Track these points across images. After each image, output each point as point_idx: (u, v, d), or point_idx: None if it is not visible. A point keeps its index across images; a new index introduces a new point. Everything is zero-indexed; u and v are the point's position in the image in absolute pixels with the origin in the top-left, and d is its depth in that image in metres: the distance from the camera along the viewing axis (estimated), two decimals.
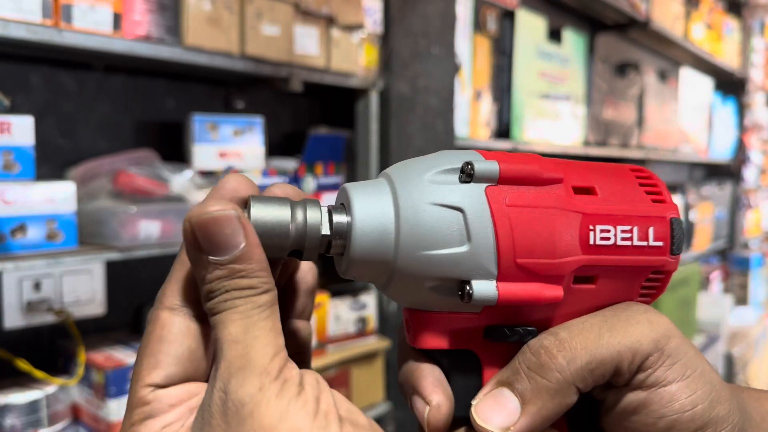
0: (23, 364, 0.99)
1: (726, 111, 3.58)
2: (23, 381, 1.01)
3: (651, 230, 0.30)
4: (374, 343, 1.46)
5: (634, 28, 2.34)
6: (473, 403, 0.28)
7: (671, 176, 3.23)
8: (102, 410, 1.03)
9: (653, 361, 0.27)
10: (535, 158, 0.29)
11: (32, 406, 0.97)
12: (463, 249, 0.27)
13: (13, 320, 1.05)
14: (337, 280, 1.60)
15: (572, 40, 2.18)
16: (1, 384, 1.00)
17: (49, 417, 0.99)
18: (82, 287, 1.11)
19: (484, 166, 0.28)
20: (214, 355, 0.25)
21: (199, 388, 0.26)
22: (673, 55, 2.95)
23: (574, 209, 0.29)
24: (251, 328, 0.25)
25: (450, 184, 0.28)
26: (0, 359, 1.02)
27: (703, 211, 3.15)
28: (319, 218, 0.27)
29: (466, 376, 0.30)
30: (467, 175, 0.28)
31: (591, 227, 0.29)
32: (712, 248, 3.38)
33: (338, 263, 0.29)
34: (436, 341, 0.29)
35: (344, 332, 1.41)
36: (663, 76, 2.90)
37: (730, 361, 2.96)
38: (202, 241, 0.25)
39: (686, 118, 3.10)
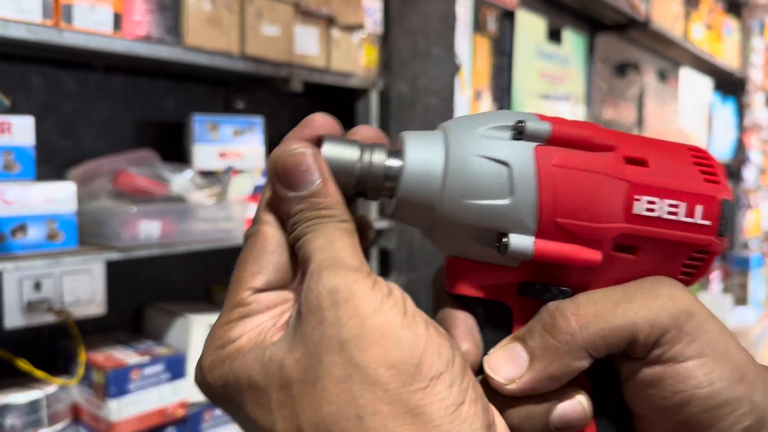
0: (23, 364, 1.00)
1: (726, 111, 3.58)
2: (23, 381, 1.01)
3: (699, 208, 0.29)
4: None
5: (633, 28, 2.34)
6: (489, 352, 0.29)
7: None
8: (102, 410, 1.03)
9: (671, 337, 0.27)
10: (592, 125, 0.30)
11: (32, 406, 0.97)
12: (505, 202, 0.28)
13: (14, 320, 1.05)
14: None
15: (572, 40, 2.18)
16: (1, 384, 1.00)
17: (50, 417, 1.00)
18: (83, 287, 1.11)
19: (536, 125, 0.28)
20: (302, 270, 0.27)
21: (290, 296, 0.28)
22: (672, 55, 2.96)
23: (622, 177, 0.29)
24: (336, 241, 0.26)
25: (501, 140, 0.28)
26: (0, 359, 1.02)
27: None
28: (383, 161, 0.29)
29: (497, 327, 0.30)
30: (518, 132, 0.28)
31: (637, 197, 0.29)
32: None
33: (388, 206, 0.31)
34: (472, 289, 0.30)
35: None
36: (663, 76, 2.91)
37: None
38: (282, 178, 0.28)
39: (686, 118, 3.10)
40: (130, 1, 1.01)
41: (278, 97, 1.50)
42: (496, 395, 0.29)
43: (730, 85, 3.59)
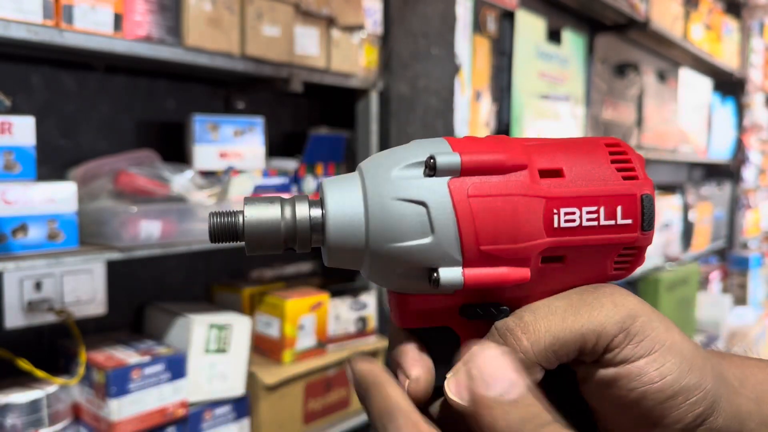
0: (24, 364, 1.00)
1: (725, 111, 3.58)
2: (24, 381, 1.01)
3: (619, 209, 0.30)
4: (374, 342, 1.46)
5: (633, 28, 2.35)
6: (448, 376, 0.29)
7: (670, 176, 3.24)
8: (103, 410, 1.03)
9: (619, 341, 0.28)
10: (502, 143, 0.30)
11: (33, 406, 0.97)
12: (428, 240, 0.29)
13: (14, 320, 1.05)
14: (337, 280, 1.60)
15: (572, 40, 2.18)
16: (2, 384, 1.00)
17: (50, 416, 1.00)
18: (83, 287, 1.12)
19: (446, 159, 0.29)
20: None
21: None
22: (672, 55, 2.96)
23: (538, 194, 0.29)
24: None
25: (414, 179, 0.29)
26: (1, 359, 1.03)
27: (702, 211, 3.16)
28: (305, 213, 0.30)
29: (446, 351, 0.31)
30: (430, 168, 0.29)
31: (555, 211, 0.29)
32: (711, 248, 3.38)
33: (324, 255, 0.31)
34: (415, 320, 0.31)
35: (344, 332, 1.42)
36: (662, 76, 2.91)
37: None
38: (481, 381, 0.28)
39: (685, 119, 3.10)
40: (131, 2, 1.01)
41: (279, 98, 1.51)
42: (462, 420, 0.29)
43: (730, 86, 3.59)
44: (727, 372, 0.31)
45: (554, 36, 2.09)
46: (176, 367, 1.11)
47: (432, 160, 0.29)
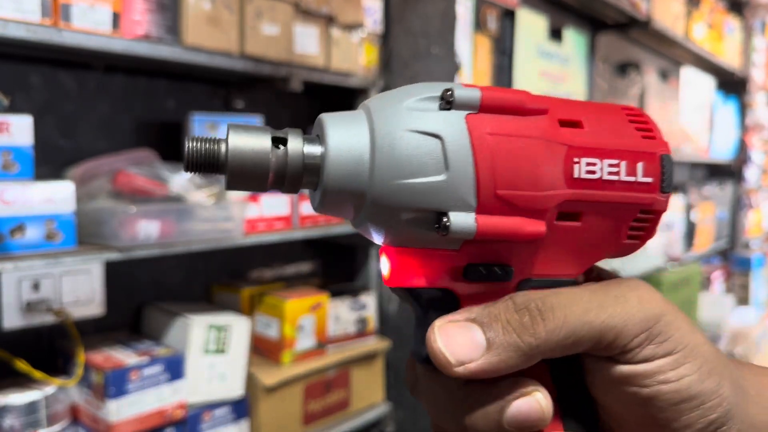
0: (22, 365, 0.99)
1: (727, 111, 3.57)
2: (22, 381, 1.01)
3: (640, 166, 0.29)
4: (374, 343, 1.46)
5: (635, 27, 2.34)
6: (436, 323, 0.27)
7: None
8: (101, 411, 1.03)
9: (640, 341, 0.27)
10: (522, 91, 0.29)
11: (31, 407, 0.97)
12: (441, 178, 0.26)
13: (12, 320, 1.04)
14: (337, 280, 1.59)
15: (573, 39, 2.18)
16: (0, 384, 0.99)
17: (48, 417, 0.99)
18: (82, 287, 1.11)
19: (464, 92, 0.27)
20: None
21: None
22: (674, 54, 2.95)
23: (559, 140, 0.28)
24: None
25: (429, 111, 0.26)
26: None
27: (705, 211, 3.15)
28: (300, 148, 0.26)
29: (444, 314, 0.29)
30: (447, 102, 0.27)
31: (576, 160, 0.28)
32: (714, 248, 3.37)
33: (312, 198, 0.28)
34: (413, 279, 0.28)
35: (344, 332, 1.41)
36: (664, 75, 2.90)
37: None
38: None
39: (687, 118, 3.09)
40: (129, 1, 1.00)
41: (278, 97, 1.50)
42: (446, 391, 0.28)
43: (732, 85, 3.58)
44: (745, 381, 0.29)
45: (555, 35, 2.09)
46: (175, 368, 1.11)
47: (449, 92, 0.26)
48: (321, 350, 1.35)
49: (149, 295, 1.30)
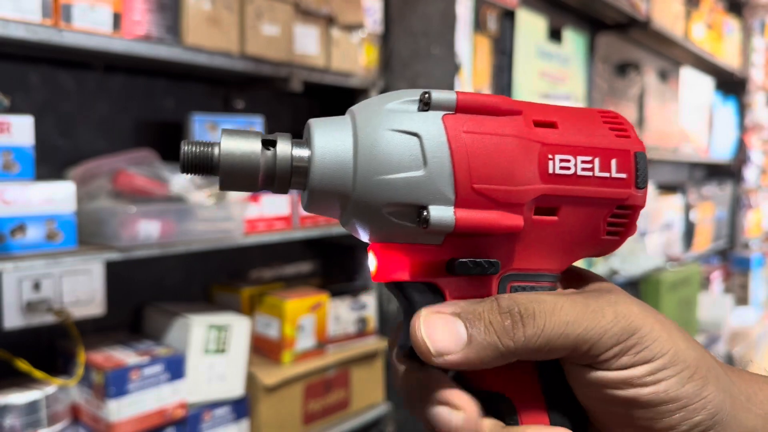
0: (23, 365, 0.99)
1: (726, 111, 3.58)
2: (23, 381, 1.01)
3: (613, 162, 0.30)
4: (374, 343, 1.46)
5: (634, 27, 2.34)
6: (422, 312, 0.28)
7: (672, 176, 3.23)
8: (102, 410, 1.03)
9: (614, 353, 0.28)
10: (497, 95, 0.30)
11: (32, 407, 0.97)
12: (420, 173, 0.27)
13: (13, 320, 1.04)
14: (337, 280, 1.60)
15: (572, 39, 2.18)
16: (0, 384, 0.99)
17: (49, 417, 0.99)
18: (82, 287, 1.11)
19: (441, 95, 0.28)
20: None
21: None
22: (673, 54, 2.95)
23: (533, 138, 0.29)
24: None
25: (408, 113, 0.28)
26: (0, 359, 1.02)
27: (704, 211, 3.15)
28: (288, 151, 0.28)
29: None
30: (424, 103, 0.28)
31: (550, 156, 0.29)
32: (713, 248, 3.37)
33: (302, 198, 0.30)
34: (399, 274, 0.30)
35: (344, 332, 1.41)
36: (663, 75, 2.90)
37: (730, 362, 2.96)
38: None
39: (687, 118, 3.10)
40: (130, 1, 1.00)
41: (278, 97, 1.50)
42: (417, 377, 0.30)
43: (731, 85, 3.58)
44: (734, 386, 0.30)
45: (555, 35, 2.09)
46: (175, 368, 1.11)
47: (427, 95, 0.28)
48: (321, 350, 1.35)
49: (149, 295, 1.30)
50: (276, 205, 1.24)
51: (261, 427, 1.24)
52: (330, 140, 0.28)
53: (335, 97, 1.53)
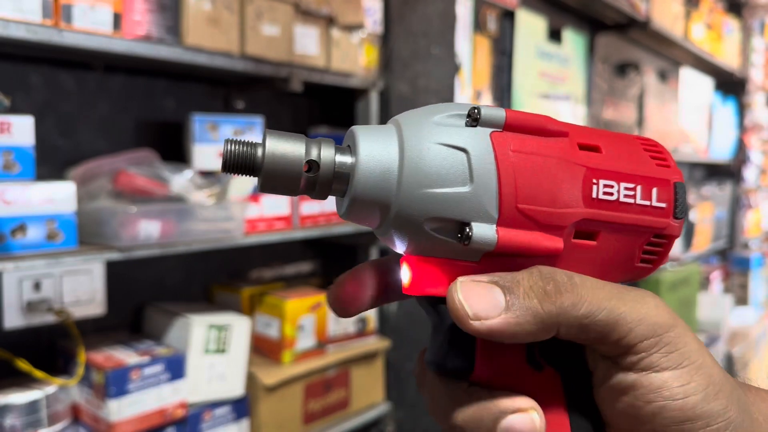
0: (23, 364, 0.99)
1: (726, 111, 3.58)
2: (23, 381, 1.01)
3: (654, 191, 0.30)
4: (374, 343, 1.46)
5: (634, 28, 2.34)
6: (459, 279, 0.28)
7: None
8: (102, 410, 1.03)
9: (648, 345, 0.27)
10: (544, 115, 0.30)
11: (32, 407, 0.97)
12: (465, 189, 0.27)
13: (13, 320, 1.05)
14: None
15: (572, 40, 2.18)
16: (0, 384, 1.00)
17: (49, 417, 0.99)
18: (82, 287, 1.11)
19: (491, 111, 0.28)
20: None
21: None
22: (673, 55, 2.95)
23: (579, 162, 0.29)
24: None
25: (456, 127, 0.28)
26: (0, 359, 1.02)
27: (703, 211, 3.15)
28: (332, 157, 0.28)
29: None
30: (473, 119, 0.28)
31: (594, 181, 0.29)
32: (712, 248, 3.37)
33: (339, 205, 0.30)
34: (433, 288, 0.29)
35: (344, 332, 1.41)
36: (663, 76, 2.91)
37: (730, 361, 2.96)
38: None
39: (686, 118, 3.10)
40: (130, 1, 1.00)
41: (278, 97, 1.50)
42: (448, 392, 0.29)
43: (731, 85, 3.59)
44: (752, 406, 0.29)
45: (555, 35, 2.09)
46: (175, 368, 1.11)
47: (476, 111, 0.28)
48: (321, 350, 1.35)
49: (150, 294, 1.30)
50: (276, 205, 1.24)
51: (261, 427, 1.24)
52: (375, 149, 0.28)
53: (335, 98, 1.53)
